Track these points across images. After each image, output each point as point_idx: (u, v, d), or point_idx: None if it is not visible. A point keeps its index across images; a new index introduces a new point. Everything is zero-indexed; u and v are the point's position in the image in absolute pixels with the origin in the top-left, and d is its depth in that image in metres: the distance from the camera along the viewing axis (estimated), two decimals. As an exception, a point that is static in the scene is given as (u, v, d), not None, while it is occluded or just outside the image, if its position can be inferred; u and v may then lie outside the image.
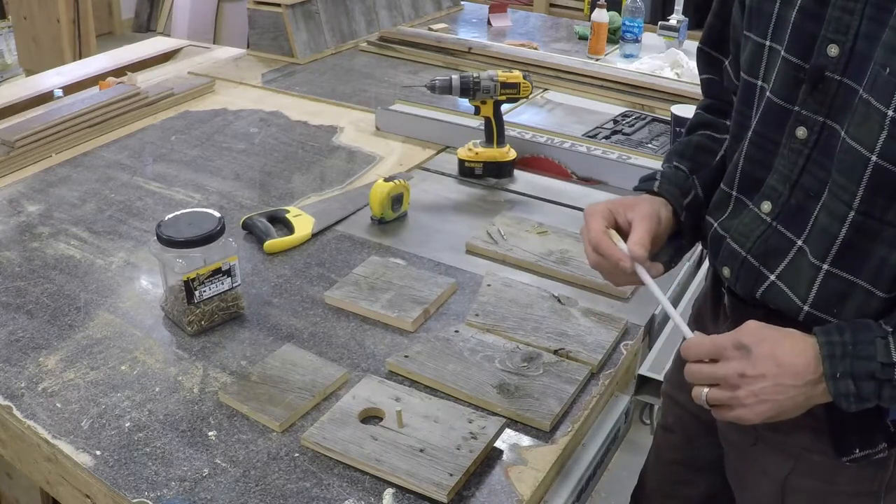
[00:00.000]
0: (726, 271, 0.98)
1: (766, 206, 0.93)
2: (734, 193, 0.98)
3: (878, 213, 0.82)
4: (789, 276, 0.91)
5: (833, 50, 0.83)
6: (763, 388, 0.84)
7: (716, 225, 1.00)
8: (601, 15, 2.75)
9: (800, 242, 0.90)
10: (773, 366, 0.83)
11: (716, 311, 1.06)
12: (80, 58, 3.96)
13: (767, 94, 0.91)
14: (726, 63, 1.06)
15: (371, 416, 1.11)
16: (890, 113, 0.78)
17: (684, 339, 0.92)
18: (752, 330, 0.86)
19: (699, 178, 1.07)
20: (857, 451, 0.91)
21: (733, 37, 1.02)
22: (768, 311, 0.93)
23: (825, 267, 0.87)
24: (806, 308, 0.89)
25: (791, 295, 0.90)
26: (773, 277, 0.92)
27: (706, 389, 0.88)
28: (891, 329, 0.82)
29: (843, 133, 0.83)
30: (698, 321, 1.13)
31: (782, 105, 0.89)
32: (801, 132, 0.88)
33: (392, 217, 1.63)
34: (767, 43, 0.90)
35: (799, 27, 0.86)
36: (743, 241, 0.95)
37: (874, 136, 0.79)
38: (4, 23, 4.66)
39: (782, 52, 0.88)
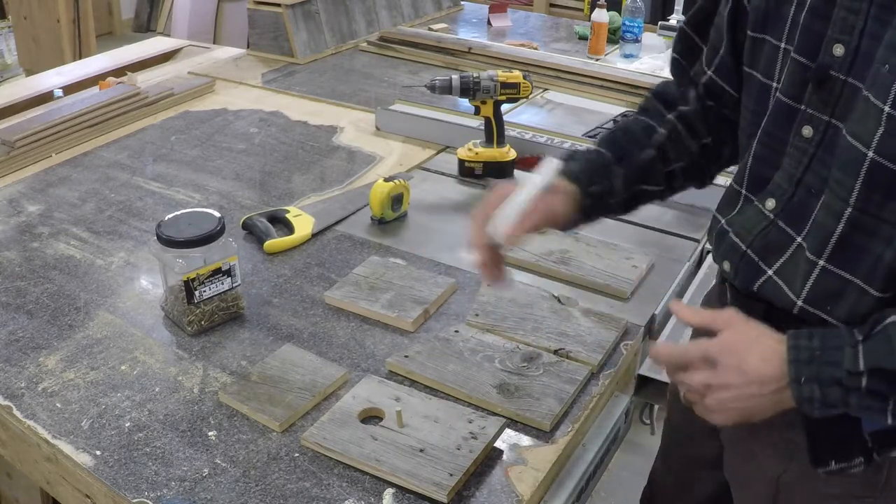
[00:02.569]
0: (727, 265, 0.99)
1: (771, 203, 0.93)
2: (743, 192, 0.99)
3: (875, 210, 0.82)
4: (786, 272, 0.92)
5: (838, 49, 0.84)
6: (727, 397, 0.87)
7: (723, 221, 1.01)
8: (601, 15, 2.75)
9: (799, 239, 0.90)
10: (738, 375, 0.86)
11: (722, 305, 1.07)
12: (80, 58, 3.96)
13: (777, 93, 0.92)
14: (705, 50, 1.07)
15: (371, 416, 1.11)
16: (887, 109, 0.78)
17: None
18: (722, 340, 0.89)
19: (624, 166, 1.07)
20: (833, 463, 0.91)
21: (717, 23, 1.03)
22: (768, 306, 0.94)
23: (821, 263, 0.87)
24: (800, 303, 0.90)
25: (786, 290, 0.91)
26: (770, 272, 0.93)
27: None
28: (861, 338, 0.82)
29: (843, 130, 0.84)
30: None
31: (790, 104, 0.90)
32: (807, 131, 0.88)
33: (392, 217, 1.63)
34: (783, 45, 0.91)
35: (808, 27, 0.87)
36: (744, 235, 0.96)
37: (871, 132, 0.80)
38: (4, 23, 4.66)
39: (792, 53, 0.89)
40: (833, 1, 0.84)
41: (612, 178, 1.07)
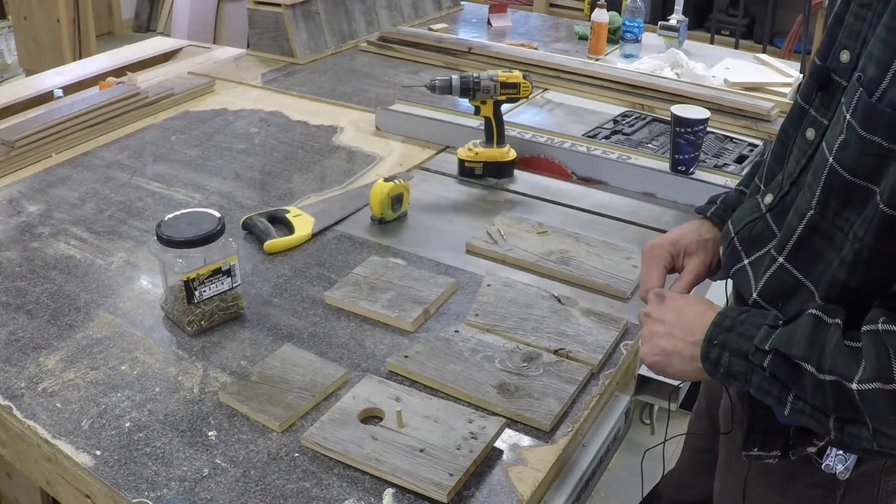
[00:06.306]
0: (721, 249, 1.02)
1: (768, 199, 0.96)
2: (761, 186, 1.01)
3: (831, 216, 0.84)
4: (756, 265, 0.94)
5: (845, 55, 0.85)
6: (657, 331, 0.94)
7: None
8: (601, 15, 2.75)
9: (779, 236, 0.92)
10: (674, 317, 0.93)
11: None
12: (80, 58, 3.96)
13: (797, 95, 0.94)
14: None
15: (371, 416, 1.11)
16: (847, 116, 0.79)
17: None
18: (682, 294, 0.99)
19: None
20: (756, 449, 0.93)
21: None
22: (738, 294, 0.98)
23: (780, 260, 0.89)
24: (754, 296, 0.92)
25: (752, 281, 0.94)
26: (745, 262, 0.96)
27: None
28: (782, 322, 0.84)
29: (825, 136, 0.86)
30: None
31: (802, 105, 0.93)
32: (809, 133, 0.90)
33: (392, 217, 1.63)
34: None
35: (829, 32, 0.89)
36: (736, 223, 1.00)
37: (835, 139, 0.81)
38: (4, 23, 4.66)
39: (813, 56, 0.92)
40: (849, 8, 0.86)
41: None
